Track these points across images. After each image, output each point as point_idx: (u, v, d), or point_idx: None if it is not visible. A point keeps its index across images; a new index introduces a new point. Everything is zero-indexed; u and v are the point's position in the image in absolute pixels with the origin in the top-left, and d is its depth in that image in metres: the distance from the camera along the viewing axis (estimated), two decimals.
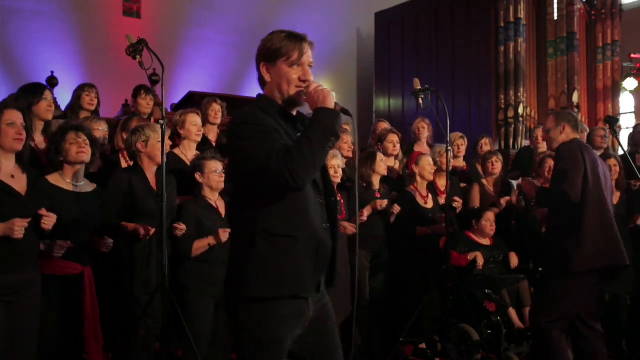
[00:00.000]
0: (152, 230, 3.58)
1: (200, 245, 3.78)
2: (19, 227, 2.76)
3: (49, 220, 2.91)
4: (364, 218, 4.47)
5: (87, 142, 3.36)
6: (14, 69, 8.18)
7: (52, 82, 7.79)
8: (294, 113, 2.30)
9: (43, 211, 2.89)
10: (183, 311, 3.52)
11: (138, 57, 3.70)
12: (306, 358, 2.28)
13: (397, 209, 4.73)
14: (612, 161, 4.89)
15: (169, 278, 3.47)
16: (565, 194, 3.67)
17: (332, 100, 2.16)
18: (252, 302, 2.14)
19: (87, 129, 3.45)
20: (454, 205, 4.99)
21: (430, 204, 5.01)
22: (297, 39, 2.25)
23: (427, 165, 5.00)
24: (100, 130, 4.28)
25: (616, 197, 4.94)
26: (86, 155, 3.34)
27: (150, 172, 3.82)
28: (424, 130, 6.03)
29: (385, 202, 4.57)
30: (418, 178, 5.03)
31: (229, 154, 2.37)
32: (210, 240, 3.76)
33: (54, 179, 3.29)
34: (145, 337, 3.61)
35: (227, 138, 2.32)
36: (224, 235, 3.70)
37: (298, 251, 2.14)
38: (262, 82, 2.30)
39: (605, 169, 3.97)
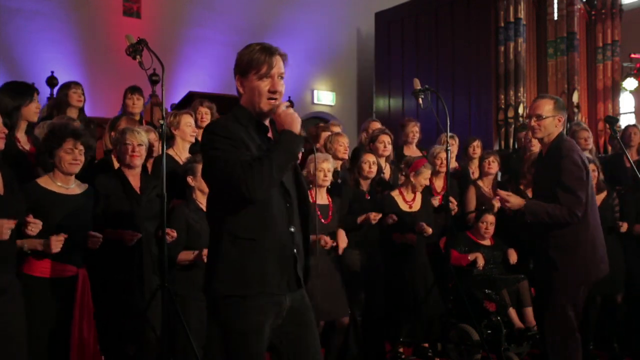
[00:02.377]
0: (137, 235, 3.56)
1: (185, 258, 3.75)
2: (6, 228, 2.75)
3: (35, 226, 2.91)
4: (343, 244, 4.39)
5: (83, 151, 3.31)
6: (14, 69, 8.17)
7: (52, 82, 7.80)
8: (267, 122, 2.46)
9: (30, 217, 2.89)
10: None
11: (138, 57, 3.70)
12: (284, 346, 2.41)
13: (393, 218, 4.69)
14: (592, 166, 4.84)
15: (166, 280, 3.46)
16: (573, 217, 3.57)
17: (299, 125, 2.33)
18: (229, 299, 2.30)
19: (85, 136, 3.38)
20: (450, 207, 4.94)
21: (416, 207, 4.94)
22: (268, 52, 2.38)
23: (423, 179, 4.92)
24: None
25: (598, 200, 4.89)
26: (78, 167, 3.30)
27: (134, 175, 3.79)
28: (417, 134, 6.03)
29: (378, 216, 4.51)
30: (410, 185, 4.95)
31: (202, 160, 2.52)
32: (197, 256, 3.70)
33: (44, 181, 3.26)
34: (146, 340, 3.61)
35: (200, 146, 2.49)
36: (205, 258, 3.60)
37: (262, 253, 2.31)
38: (239, 94, 2.46)
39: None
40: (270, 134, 2.47)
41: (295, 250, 2.40)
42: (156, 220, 3.72)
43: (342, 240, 4.27)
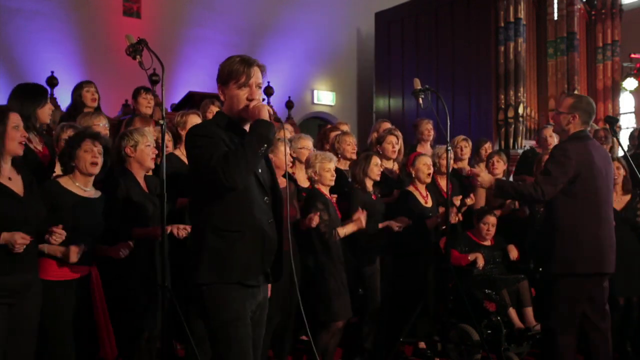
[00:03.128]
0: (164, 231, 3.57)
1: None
2: (20, 244, 2.78)
3: (59, 237, 2.96)
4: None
5: (101, 152, 3.36)
6: (14, 69, 8.18)
7: (52, 82, 7.79)
8: (247, 127, 2.62)
9: (57, 228, 2.94)
10: (187, 312, 3.53)
11: (138, 57, 3.70)
12: None
13: (405, 221, 4.69)
14: (616, 164, 4.82)
15: (171, 279, 3.47)
16: (538, 191, 3.62)
17: (266, 113, 2.53)
18: (212, 288, 2.48)
19: (103, 139, 3.45)
20: (455, 204, 4.95)
21: (429, 204, 4.99)
22: (247, 63, 2.57)
23: (422, 165, 4.91)
24: (101, 126, 4.24)
25: (623, 201, 4.88)
26: (98, 167, 3.35)
27: (140, 176, 3.77)
28: (431, 133, 6.03)
29: (398, 224, 4.55)
30: (417, 179, 4.99)
31: (187, 160, 2.68)
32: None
33: (65, 181, 3.31)
34: (148, 338, 3.62)
35: (185, 146, 2.71)
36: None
37: (245, 243, 2.51)
38: (220, 101, 2.70)
39: (609, 169, 3.85)
40: None
41: (275, 241, 2.59)
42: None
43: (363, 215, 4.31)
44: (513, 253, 5.07)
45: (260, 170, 2.61)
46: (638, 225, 4.87)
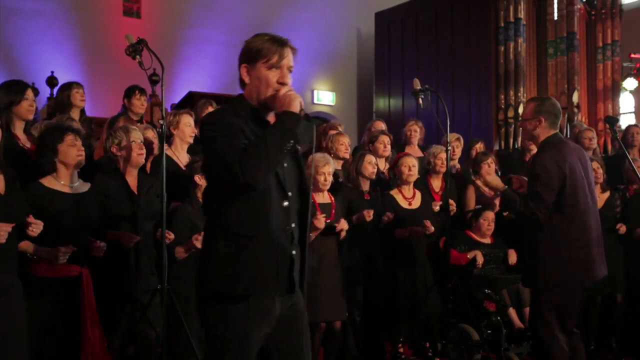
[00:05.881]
0: (136, 238, 3.53)
1: (180, 250, 3.75)
2: (3, 231, 2.73)
3: (36, 227, 2.88)
4: (345, 226, 4.36)
5: (82, 147, 3.34)
6: (14, 69, 8.17)
7: (52, 82, 7.80)
8: (269, 118, 2.33)
9: (30, 218, 2.86)
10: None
11: (138, 57, 3.70)
12: (274, 356, 2.31)
13: (389, 216, 4.67)
14: (595, 164, 4.83)
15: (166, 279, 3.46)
16: (534, 214, 3.59)
17: (297, 105, 2.19)
18: (216, 299, 2.21)
19: (82, 133, 3.41)
20: (450, 208, 4.93)
21: (415, 205, 4.93)
22: (279, 42, 2.28)
23: (403, 167, 4.89)
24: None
25: (602, 199, 4.93)
26: (83, 159, 3.32)
27: (131, 175, 3.74)
28: (416, 133, 6.00)
29: (372, 212, 4.50)
30: (402, 180, 4.95)
31: (202, 151, 2.42)
32: (189, 245, 3.68)
33: (48, 182, 3.25)
34: (146, 339, 3.61)
35: (199, 137, 2.35)
36: (198, 243, 3.62)
37: (256, 251, 2.20)
38: (242, 84, 2.34)
39: (588, 169, 3.82)
40: None
41: (294, 252, 2.29)
42: (154, 221, 3.71)
43: (343, 223, 4.24)
44: (512, 257, 5.06)
45: (283, 168, 2.30)
46: (617, 222, 4.94)
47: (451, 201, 4.90)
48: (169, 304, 3.43)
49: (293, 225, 2.31)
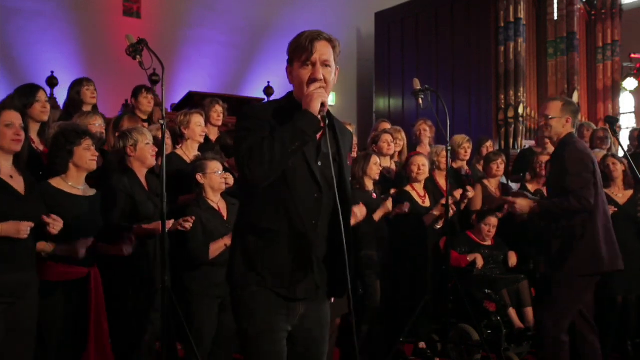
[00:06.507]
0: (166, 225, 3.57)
1: (217, 247, 3.73)
2: (25, 226, 2.77)
3: (57, 224, 2.90)
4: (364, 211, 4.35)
5: (96, 152, 3.39)
6: (14, 69, 8.17)
7: (52, 82, 7.79)
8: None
9: (52, 216, 2.89)
10: (187, 312, 3.53)
11: (138, 57, 3.70)
12: (290, 357, 2.27)
13: (407, 206, 4.71)
14: (612, 160, 4.86)
15: (171, 279, 3.47)
16: (583, 201, 3.64)
17: (318, 104, 2.13)
18: (241, 292, 2.20)
19: (96, 138, 3.49)
20: (451, 201, 4.93)
21: (427, 204, 4.99)
22: (310, 37, 2.21)
23: (413, 166, 4.95)
24: (97, 125, 4.20)
25: (626, 196, 4.91)
26: (96, 163, 3.36)
27: (141, 174, 3.78)
28: (426, 132, 6.03)
29: (408, 205, 4.57)
30: (413, 178, 5.00)
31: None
32: (227, 240, 3.65)
33: (57, 182, 3.27)
34: (148, 339, 3.62)
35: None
36: (228, 239, 3.62)
37: (281, 246, 2.17)
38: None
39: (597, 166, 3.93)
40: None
41: (318, 253, 2.21)
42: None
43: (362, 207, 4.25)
44: (512, 260, 5.06)
45: (319, 164, 2.22)
46: (639, 220, 4.89)
47: (451, 202, 4.90)
48: (169, 304, 3.43)
49: (320, 222, 2.22)
